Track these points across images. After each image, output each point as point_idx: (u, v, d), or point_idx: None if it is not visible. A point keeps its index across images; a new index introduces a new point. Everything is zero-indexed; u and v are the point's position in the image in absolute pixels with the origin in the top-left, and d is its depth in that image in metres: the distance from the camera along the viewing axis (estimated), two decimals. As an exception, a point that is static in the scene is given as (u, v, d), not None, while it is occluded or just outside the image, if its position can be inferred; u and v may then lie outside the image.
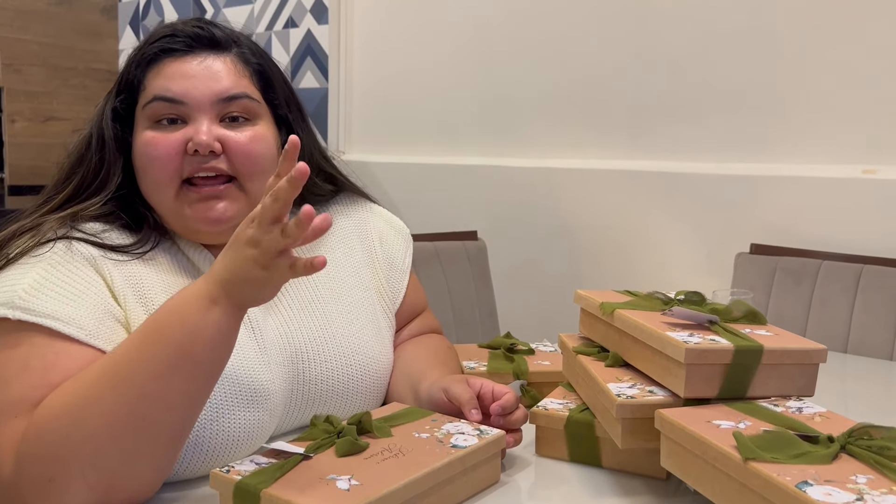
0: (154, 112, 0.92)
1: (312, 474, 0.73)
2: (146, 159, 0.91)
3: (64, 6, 3.18)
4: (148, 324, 0.77)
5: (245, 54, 0.98)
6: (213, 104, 0.92)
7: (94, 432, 0.73)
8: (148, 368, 0.74)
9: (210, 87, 0.92)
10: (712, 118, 1.98)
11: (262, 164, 0.94)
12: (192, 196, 0.91)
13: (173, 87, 0.92)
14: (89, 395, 0.74)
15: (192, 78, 0.92)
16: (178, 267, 0.94)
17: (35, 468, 0.72)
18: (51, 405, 0.74)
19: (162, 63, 0.94)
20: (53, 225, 0.88)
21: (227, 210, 0.92)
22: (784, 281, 1.75)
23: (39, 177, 3.06)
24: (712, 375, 0.80)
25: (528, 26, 2.27)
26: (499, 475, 0.86)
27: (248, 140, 0.93)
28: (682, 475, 0.75)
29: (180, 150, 0.90)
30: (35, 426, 0.73)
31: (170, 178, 0.90)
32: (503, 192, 2.31)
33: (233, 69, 0.95)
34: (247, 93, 0.95)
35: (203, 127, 0.91)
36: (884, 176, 1.75)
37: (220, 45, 0.96)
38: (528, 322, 2.13)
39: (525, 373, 1.13)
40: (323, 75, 2.71)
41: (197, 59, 0.94)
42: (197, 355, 0.75)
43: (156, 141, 0.91)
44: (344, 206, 1.14)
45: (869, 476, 0.63)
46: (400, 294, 1.13)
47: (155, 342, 0.75)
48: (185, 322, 0.75)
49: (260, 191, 0.93)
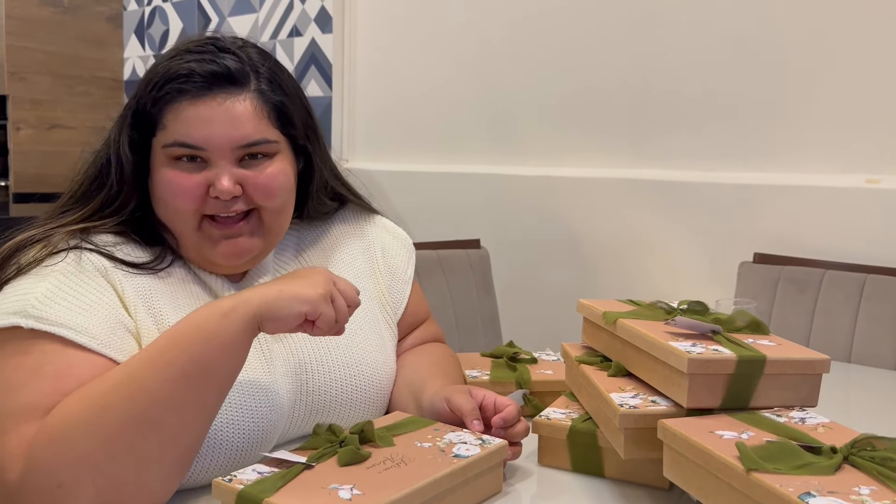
0: (174, 153, 0.91)
1: (314, 483, 0.73)
2: (169, 194, 0.91)
3: (69, 15, 3.20)
4: (164, 335, 0.79)
5: (264, 91, 0.94)
6: (234, 149, 0.91)
7: (107, 439, 0.73)
8: (162, 375, 0.75)
9: (230, 134, 0.90)
10: (715, 127, 1.98)
11: (282, 198, 0.95)
12: (213, 232, 0.92)
13: (194, 133, 0.90)
14: (104, 403, 0.74)
15: (212, 125, 0.90)
16: (186, 281, 0.95)
17: (45, 473, 0.72)
18: (64, 411, 0.75)
19: (180, 105, 0.90)
20: (65, 236, 0.89)
21: (248, 245, 0.93)
22: (787, 290, 1.74)
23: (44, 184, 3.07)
24: (715, 385, 0.80)
25: (532, 35, 2.27)
26: (501, 485, 0.86)
27: (267, 178, 0.93)
28: (684, 485, 0.75)
29: (202, 192, 0.90)
30: (46, 431, 0.74)
31: (191, 215, 0.91)
32: (506, 201, 2.31)
33: (252, 112, 0.92)
34: (266, 137, 0.93)
35: (224, 175, 0.90)
36: (887, 185, 1.74)
37: (237, 81, 0.93)
38: (531, 331, 2.13)
39: (528, 382, 1.13)
40: (327, 84, 2.72)
41: (216, 100, 0.91)
42: (210, 361, 0.77)
43: (178, 180, 0.90)
44: (347, 216, 1.15)
45: (872, 487, 0.63)
46: (402, 304, 1.13)
47: (170, 350, 0.76)
48: (202, 329, 0.77)
49: (278, 221, 0.96)
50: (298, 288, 0.81)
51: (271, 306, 0.80)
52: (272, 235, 0.96)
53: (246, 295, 0.81)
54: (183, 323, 0.79)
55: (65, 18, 3.18)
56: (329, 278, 0.85)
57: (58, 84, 3.18)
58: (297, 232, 1.09)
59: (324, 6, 2.71)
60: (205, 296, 0.95)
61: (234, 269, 0.97)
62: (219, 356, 0.78)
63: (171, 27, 3.21)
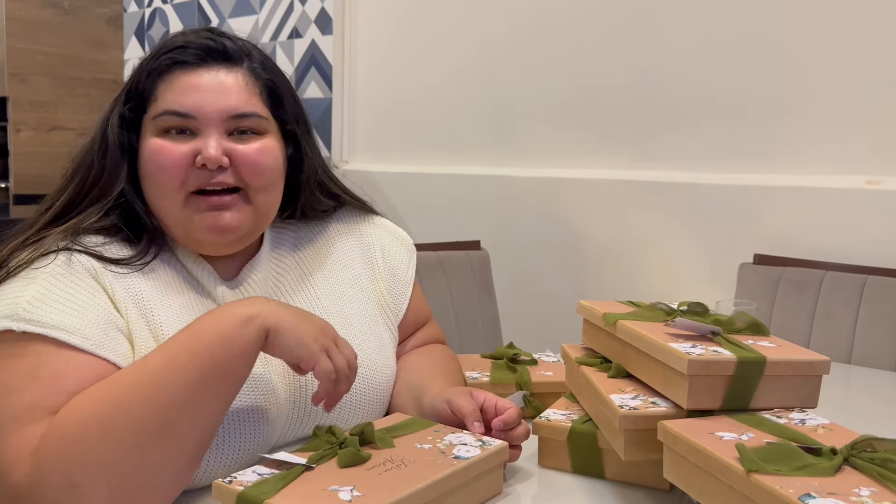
0: (164, 123, 0.92)
1: (314, 485, 0.73)
2: (154, 166, 0.91)
3: (70, 16, 3.20)
4: (179, 337, 0.79)
5: (256, 69, 0.97)
6: (223, 120, 0.92)
7: (122, 440, 0.73)
8: (183, 377, 0.76)
9: (220, 103, 0.92)
10: (716, 128, 1.98)
11: (269, 177, 0.95)
12: (200, 205, 0.91)
13: (184, 101, 0.91)
14: (122, 404, 0.74)
15: (204, 92, 0.92)
16: (177, 279, 0.94)
17: (58, 473, 0.72)
18: (76, 411, 0.74)
19: (173, 75, 0.93)
20: (55, 238, 0.88)
21: (233, 220, 0.92)
22: (788, 291, 1.74)
23: (44, 186, 3.07)
24: (715, 387, 0.80)
25: (532, 37, 2.27)
26: (501, 486, 0.86)
27: (256, 153, 0.93)
28: (684, 487, 0.75)
29: (188, 161, 0.90)
30: (58, 431, 0.73)
31: (177, 187, 0.91)
32: (506, 202, 2.31)
33: (243, 85, 0.95)
34: (256, 111, 0.95)
35: (212, 141, 0.91)
36: (888, 186, 1.74)
37: (231, 58, 0.96)
38: (531, 332, 2.13)
39: (528, 383, 1.13)
40: (327, 85, 2.72)
41: (209, 72, 0.94)
42: (227, 367, 0.78)
43: (164, 150, 0.91)
44: (346, 218, 1.14)
45: (872, 489, 0.63)
46: (403, 306, 1.13)
47: (189, 353, 0.77)
48: (221, 333, 0.78)
49: (265, 202, 0.95)
50: (305, 332, 0.82)
51: (280, 333, 0.81)
52: (258, 218, 0.95)
53: (266, 307, 0.82)
54: (200, 326, 0.79)
55: (65, 20, 3.18)
56: (332, 335, 0.86)
57: (58, 86, 3.18)
58: (294, 231, 1.09)
59: (324, 8, 2.71)
60: (196, 294, 0.94)
61: (220, 249, 0.95)
62: (235, 362, 0.79)
63: (171, 29, 3.22)
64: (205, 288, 0.95)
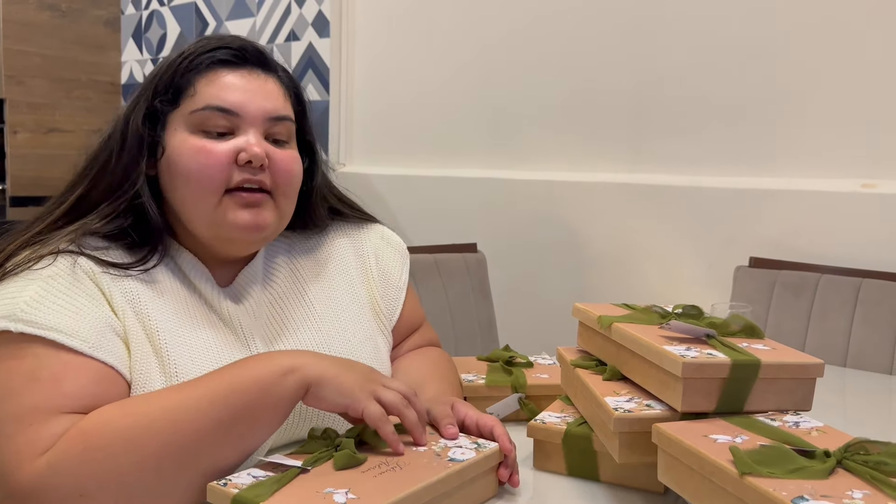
0: (204, 120, 0.92)
1: (310, 488, 0.73)
2: (196, 166, 0.91)
3: (67, 18, 3.20)
4: (221, 373, 0.80)
5: (283, 78, 1.01)
6: (263, 121, 0.94)
7: (143, 461, 0.73)
8: (216, 412, 0.76)
9: (263, 104, 0.94)
10: (713, 132, 1.99)
11: (295, 185, 0.98)
12: (237, 201, 0.92)
13: (229, 97, 0.93)
14: (150, 425, 0.75)
15: (246, 91, 0.94)
16: (175, 284, 0.94)
17: (72, 479, 0.72)
18: (104, 424, 0.75)
19: (216, 72, 0.94)
20: (59, 240, 0.88)
21: (267, 218, 0.94)
22: (783, 294, 1.75)
23: (41, 188, 3.07)
24: (709, 390, 0.80)
25: (529, 40, 2.28)
26: (496, 489, 0.86)
27: (289, 159, 0.96)
28: (679, 489, 0.75)
29: (231, 159, 0.91)
30: (83, 438, 0.74)
31: (217, 186, 0.91)
32: (503, 205, 2.31)
33: (280, 91, 0.98)
34: (290, 116, 0.98)
35: (255, 139, 0.92)
36: (883, 190, 1.75)
37: (267, 63, 0.99)
38: (527, 335, 2.13)
39: (523, 386, 1.14)
40: (324, 88, 2.72)
41: (251, 73, 0.96)
42: (260, 414, 0.78)
43: (207, 149, 0.91)
44: (339, 224, 1.14)
45: (865, 491, 0.63)
46: (396, 311, 1.13)
47: (225, 392, 0.77)
48: (259, 381, 0.78)
49: (287, 207, 0.98)
50: (349, 381, 0.82)
51: (323, 385, 0.80)
52: (281, 222, 0.98)
53: (309, 359, 0.82)
54: (242, 368, 0.80)
55: (62, 22, 3.18)
56: (377, 380, 0.85)
57: (55, 88, 3.17)
58: (287, 241, 1.08)
59: (321, 10, 2.71)
60: (193, 300, 0.94)
61: (248, 248, 0.97)
62: (268, 411, 0.79)
63: (168, 31, 3.22)
64: (202, 294, 0.95)
